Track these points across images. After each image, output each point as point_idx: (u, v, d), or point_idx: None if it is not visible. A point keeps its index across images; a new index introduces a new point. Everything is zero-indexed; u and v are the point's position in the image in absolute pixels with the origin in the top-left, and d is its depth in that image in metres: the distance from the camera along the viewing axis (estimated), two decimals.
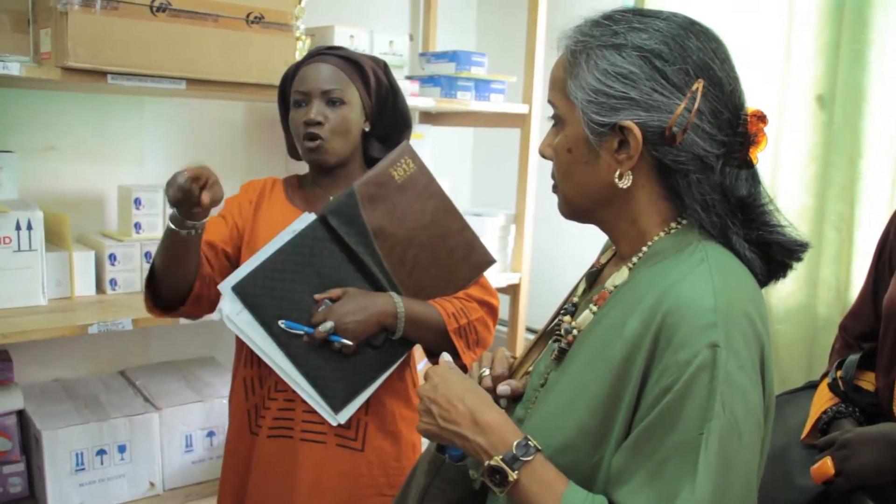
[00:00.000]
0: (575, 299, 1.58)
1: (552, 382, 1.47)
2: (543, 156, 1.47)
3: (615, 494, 1.27)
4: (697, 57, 1.34)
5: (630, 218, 1.41)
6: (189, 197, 1.99)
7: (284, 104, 2.39)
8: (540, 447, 1.34)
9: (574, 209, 1.47)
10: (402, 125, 2.44)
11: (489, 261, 2.38)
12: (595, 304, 1.44)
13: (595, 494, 1.29)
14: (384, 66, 2.39)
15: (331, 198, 2.27)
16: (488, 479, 1.34)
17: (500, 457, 1.33)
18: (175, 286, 2.25)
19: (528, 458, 1.32)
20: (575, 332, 1.45)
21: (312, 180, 2.41)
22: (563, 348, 1.46)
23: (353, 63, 2.31)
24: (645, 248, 1.40)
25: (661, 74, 1.31)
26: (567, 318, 1.53)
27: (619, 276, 1.42)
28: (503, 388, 1.57)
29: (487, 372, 1.61)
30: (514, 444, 1.34)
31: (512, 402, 1.58)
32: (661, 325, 1.25)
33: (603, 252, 1.66)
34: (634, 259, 1.41)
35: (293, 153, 2.47)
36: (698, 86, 1.32)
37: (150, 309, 2.30)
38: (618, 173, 1.36)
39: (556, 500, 1.29)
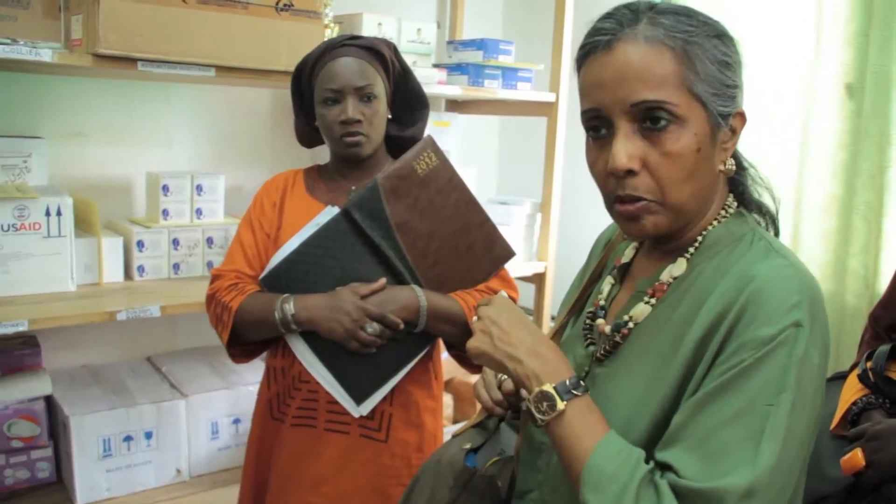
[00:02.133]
0: (602, 302, 1.54)
1: (604, 377, 1.43)
2: (631, 170, 1.30)
3: (662, 453, 1.25)
4: None
5: (704, 210, 1.40)
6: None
7: (299, 91, 2.40)
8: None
9: (682, 218, 1.36)
10: (416, 104, 2.45)
11: (510, 254, 2.38)
12: (652, 297, 1.41)
13: (633, 447, 1.26)
14: (395, 49, 2.41)
15: (353, 188, 2.29)
16: (534, 406, 1.30)
17: (553, 385, 1.30)
18: (258, 344, 2.38)
19: (579, 393, 1.30)
20: (631, 324, 1.42)
21: (336, 171, 2.42)
22: (617, 341, 1.42)
23: (375, 53, 2.31)
24: (700, 238, 1.39)
25: (741, 60, 1.36)
26: (600, 321, 1.50)
27: (676, 268, 1.40)
28: None
29: (506, 375, 1.56)
30: (569, 377, 1.31)
31: None
32: (745, 304, 1.23)
33: (602, 248, 1.69)
34: (691, 249, 1.39)
35: (303, 141, 2.49)
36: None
37: (234, 360, 2.43)
38: (725, 161, 1.37)
39: (592, 442, 1.25)
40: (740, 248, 1.35)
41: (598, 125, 1.33)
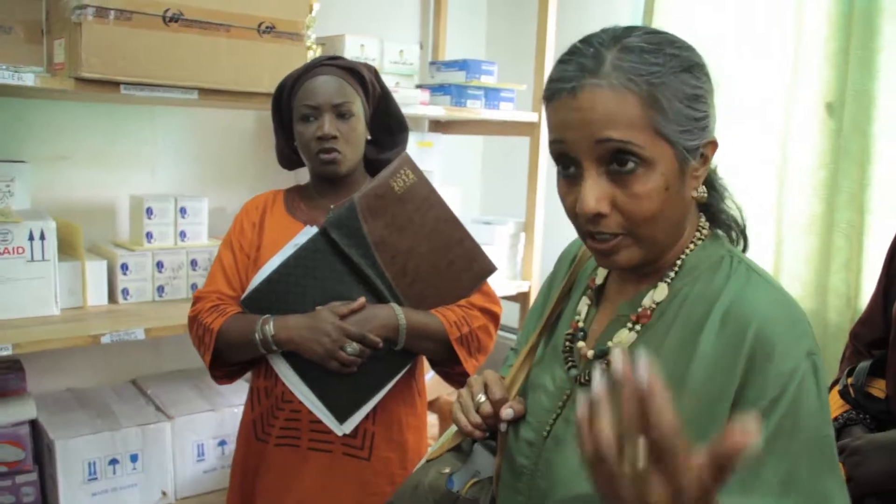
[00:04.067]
0: (580, 324, 1.52)
1: None
2: (600, 213, 1.29)
3: None
4: None
5: (679, 235, 1.39)
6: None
7: (279, 113, 2.41)
8: None
9: (655, 248, 1.36)
10: (396, 128, 2.47)
11: (490, 269, 2.38)
12: (636, 323, 1.40)
13: None
14: (375, 72, 2.42)
15: (332, 207, 2.29)
16: None
17: None
18: (241, 364, 2.39)
19: None
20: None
21: (316, 191, 2.43)
22: (602, 368, 1.38)
23: (354, 73, 2.33)
24: (678, 262, 1.39)
25: (713, 87, 1.35)
26: (581, 344, 1.48)
27: (658, 293, 1.39)
28: (507, 411, 1.50)
29: (484, 398, 1.54)
30: None
31: (512, 423, 1.52)
32: (756, 341, 1.24)
33: (569, 265, 1.66)
34: (671, 274, 1.39)
35: (284, 163, 2.50)
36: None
37: (217, 382, 2.42)
38: (697, 188, 1.36)
39: None
40: (721, 271, 1.36)
41: (566, 162, 1.32)
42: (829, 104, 3.07)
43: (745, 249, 1.48)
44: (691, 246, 1.40)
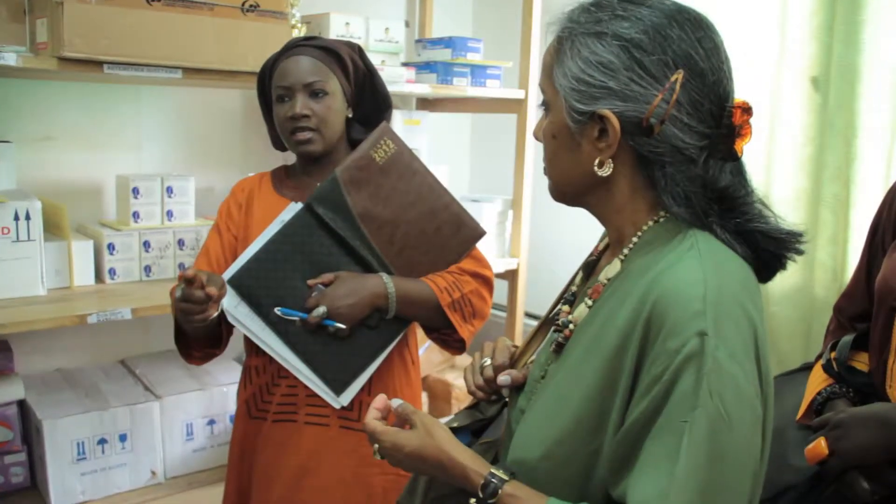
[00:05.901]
0: (574, 288, 1.58)
1: (551, 375, 1.45)
2: (537, 138, 1.47)
3: (612, 490, 1.28)
4: (678, 47, 1.31)
5: (614, 207, 1.41)
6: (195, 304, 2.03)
7: (264, 96, 2.41)
8: (507, 477, 1.35)
9: (560, 193, 1.48)
10: (381, 106, 2.47)
11: (479, 233, 2.40)
12: (590, 298, 1.42)
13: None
14: (359, 50, 2.42)
15: (318, 184, 2.30)
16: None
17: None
18: (206, 344, 2.36)
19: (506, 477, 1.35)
20: (572, 325, 1.43)
21: (301, 169, 2.44)
22: (560, 342, 1.44)
23: (330, 52, 2.32)
24: (635, 239, 1.39)
25: (639, 65, 1.30)
26: (566, 307, 1.54)
27: (611, 269, 1.41)
28: (503, 378, 1.58)
29: (489, 362, 1.64)
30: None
31: (514, 391, 1.59)
32: (652, 312, 1.24)
33: (602, 239, 1.66)
34: (625, 250, 1.40)
35: (277, 144, 2.50)
36: (677, 77, 1.29)
37: (190, 362, 2.41)
38: (597, 161, 1.35)
39: None
40: (670, 246, 1.34)
41: None
42: (814, 78, 3.06)
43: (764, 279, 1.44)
44: (650, 223, 1.39)
